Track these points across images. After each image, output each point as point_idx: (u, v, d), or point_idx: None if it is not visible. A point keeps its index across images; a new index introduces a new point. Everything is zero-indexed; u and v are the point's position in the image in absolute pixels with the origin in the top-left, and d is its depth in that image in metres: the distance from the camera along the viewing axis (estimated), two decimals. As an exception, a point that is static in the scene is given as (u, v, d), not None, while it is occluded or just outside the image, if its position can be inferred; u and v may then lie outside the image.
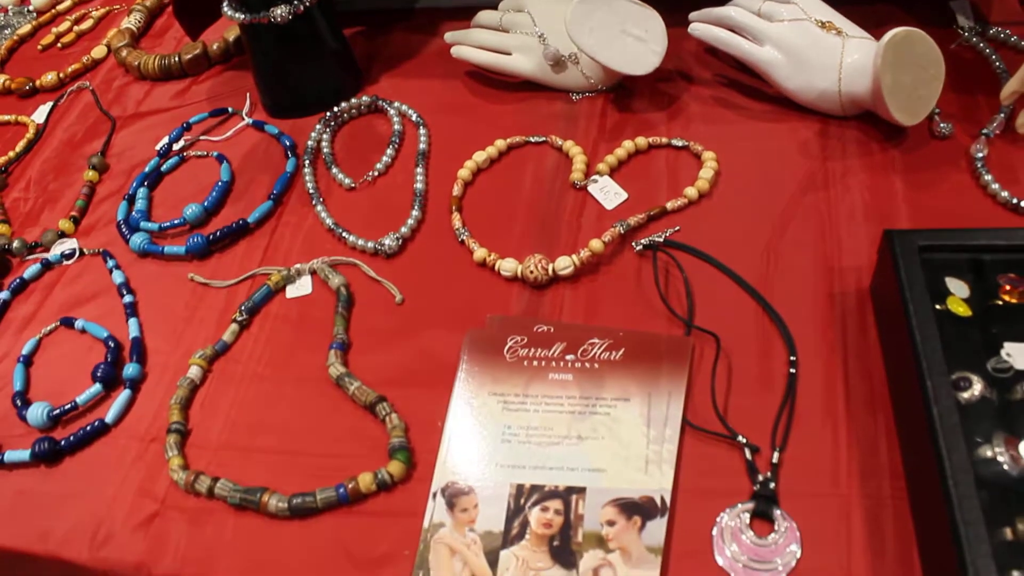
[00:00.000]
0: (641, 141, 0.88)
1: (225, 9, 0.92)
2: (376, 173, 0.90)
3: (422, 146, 0.91)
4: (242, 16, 0.91)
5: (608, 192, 0.85)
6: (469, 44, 0.96)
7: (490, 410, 0.70)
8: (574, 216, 0.83)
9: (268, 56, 0.95)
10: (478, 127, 0.93)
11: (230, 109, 1.01)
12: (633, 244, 0.79)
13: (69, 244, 0.91)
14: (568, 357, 0.72)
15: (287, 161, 0.93)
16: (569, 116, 0.93)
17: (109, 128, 1.04)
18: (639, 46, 0.88)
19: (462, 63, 0.98)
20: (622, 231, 0.79)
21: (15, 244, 0.91)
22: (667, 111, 0.91)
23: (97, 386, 0.77)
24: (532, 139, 0.91)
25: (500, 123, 0.93)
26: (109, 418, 0.75)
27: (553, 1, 0.94)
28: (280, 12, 0.90)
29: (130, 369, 0.78)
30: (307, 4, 0.91)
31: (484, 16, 0.97)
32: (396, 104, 0.96)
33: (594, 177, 0.86)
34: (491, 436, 0.69)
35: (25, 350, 0.83)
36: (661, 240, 0.79)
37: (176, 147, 0.99)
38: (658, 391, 0.69)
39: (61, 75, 1.12)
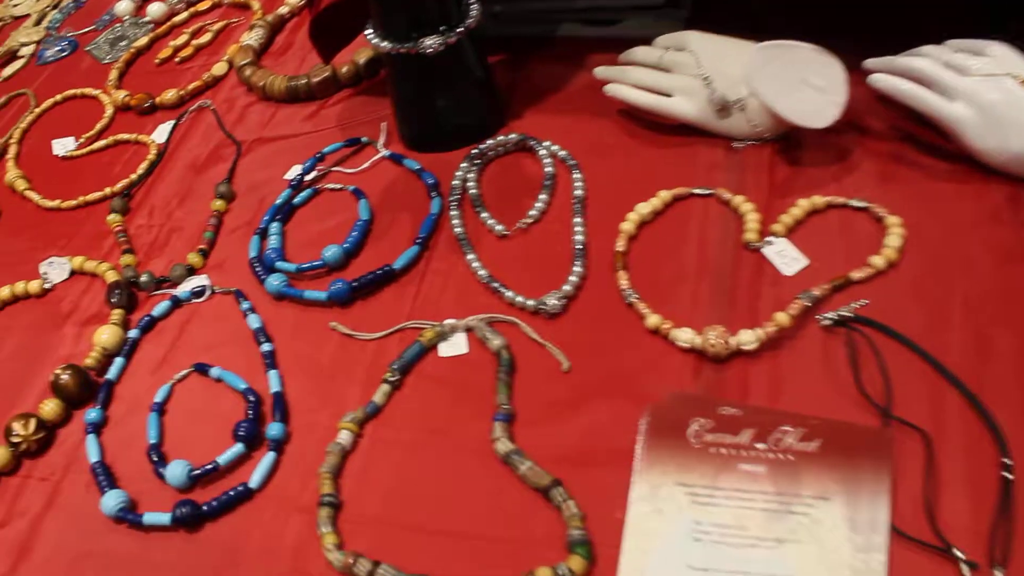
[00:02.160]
0: (818, 200, 0.80)
1: (370, 37, 0.87)
2: (530, 220, 0.84)
3: (578, 193, 0.85)
4: (388, 45, 0.85)
5: (786, 256, 0.78)
6: (625, 82, 0.90)
7: (677, 502, 0.64)
8: (751, 282, 0.76)
9: (411, 86, 0.90)
10: (634, 173, 0.87)
11: (364, 139, 0.95)
12: (818, 318, 0.72)
13: (199, 281, 0.86)
14: (759, 446, 0.66)
15: (431, 201, 0.87)
16: (733, 166, 0.86)
17: (234, 152, 0.99)
18: (818, 97, 0.81)
19: (611, 100, 0.91)
20: (808, 304, 0.72)
21: (143, 278, 0.86)
22: (839, 166, 0.84)
23: (239, 446, 0.72)
24: (696, 191, 0.84)
25: (658, 170, 0.87)
26: (253, 483, 0.70)
27: (719, 41, 0.87)
28: (431, 43, 0.84)
29: (274, 429, 0.72)
30: (458, 35, 0.84)
31: (641, 53, 0.91)
32: (546, 144, 0.89)
33: (769, 239, 0.79)
34: (680, 533, 0.62)
35: (158, 397, 0.77)
36: (850, 315, 0.72)
37: (307, 178, 0.93)
38: (860, 490, 0.62)
39: (182, 92, 1.07)
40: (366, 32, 0.87)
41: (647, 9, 0.98)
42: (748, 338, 0.71)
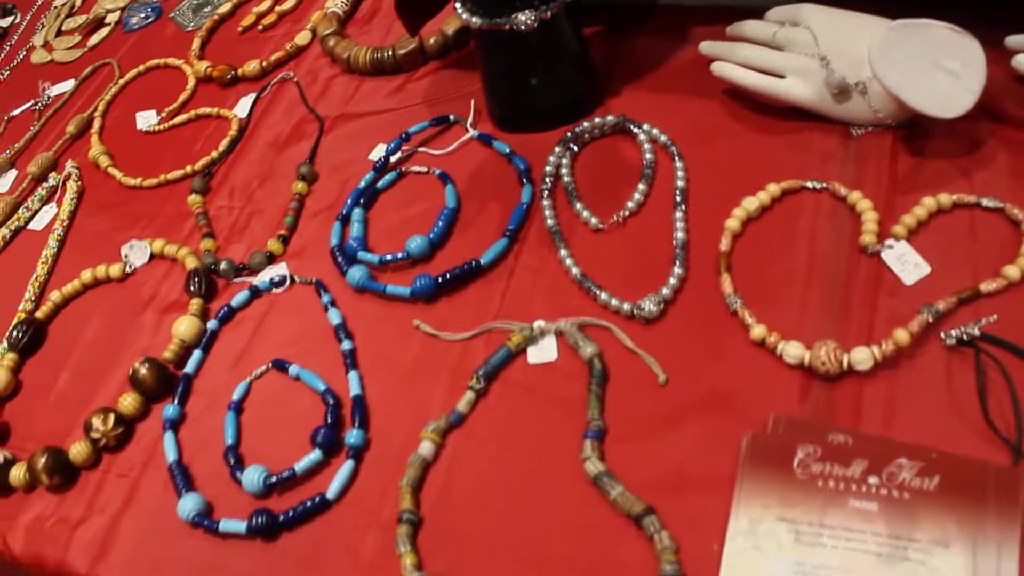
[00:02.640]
0: (944, 199, 0.72)
1: (459, 10, 0.81)
2: (627, 213, 0.77)
3: (680, 183, 0.78)
4: (479, 20, 0.79)
5: (907, 263, 0.70)
6: (733, 60, 0.82)
7: (778, 539, 0.58)
8: (867, 290, 0.69)
9: (503, 63, 0.84)
10: (742, 162, 0.79)
11: (452, 117, 0.90)
12: (942, 335, 0.65)
13: (279, 270, 0.82)
14: (871, 480, 0.59)
15: (522, 188, 0.81)
16: (850, 156, 0.77)
17: (317, 130, 0.94)
18: (951, 82, 0.72)
19: (716, 78, 0.83)
20: (930, 319, 0.65)
21: (223, 265, 0.83)
22: (969, 159, 0.75)
23: (316, 452, 0.69)
24: (809, 184, 0.76)
25: (767, 158, 0.79)
26: (331, 493, 0.67)
27: (838, 16, 0.78)
28: (525, 19, 0.77)
29: (353, 436, 0.69)
30: (555, 8, 0.78)
31: (752, 28, 0.82)
32: (646, 127, 0.83)
33: (889, 242, 0.71)
34: (781, 573, 0.56)
35: (236, 395, 0.75)
36: (979, 334, 0.64)
37: (392, 159, 0.88)
38: (985, 539, 0.55)
39: (264, 63, 1.03)
40: (455, 4, 0.81)
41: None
42: (863, 356, 0.64)
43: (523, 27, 0.77)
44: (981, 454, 0.58)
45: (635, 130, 0.83)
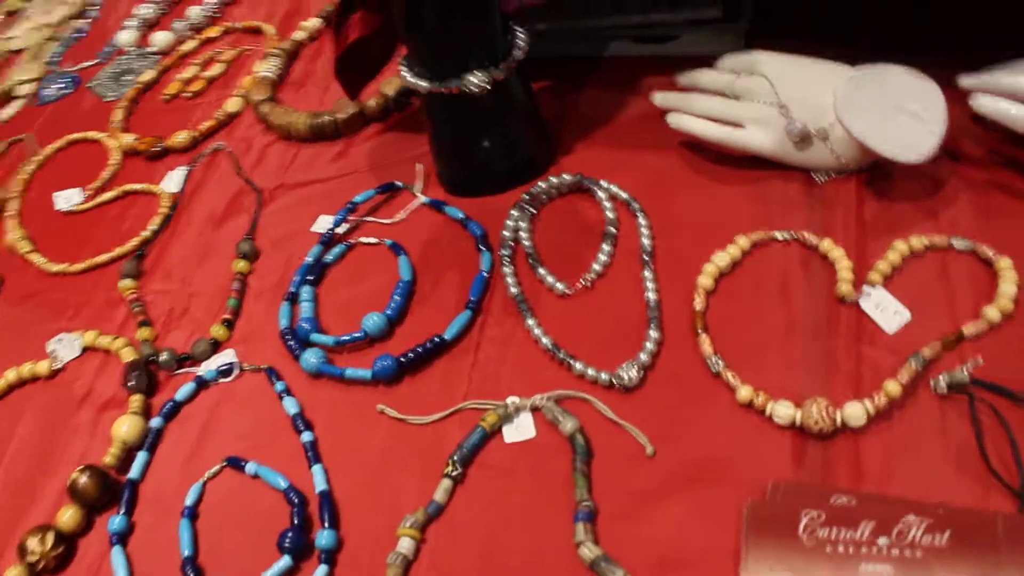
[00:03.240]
0: (916, 242, 0.71)
1: (405, 74, 0.77)
2: (593, 276, 0.74)
3: (645, 241, 0.76)
4: (427, 84, 0.75)
5: (886, 310, 0.69)
6: (689, 112, 0.80)
7: (791, 615, 0.55)
8: (850, 341, 0.67)
9: (452, 127, 0.80)
10: (706, 215, 0.77)
11: (399, 184, 0.86)
12: (932, 384, 0.63)
13: (226, 358, 0.77)
14: (881, 541, 0.57)
15: (480, 256, 0.77)
16: (815, 203, 0.76)
17: (255, 202, 0.89)
18: (915, 126, 0.71)
19: (671, 130, 0.82)
20: (918, 368, 0.63)
21: (163, 356, 0.77)
22: (935, 199, 0.74)
23: (285, 559, 0.63)
24: (778, 235, 0.74)
25: (731, 210, 0.77)
26: (305, 605, 0.61)
27: (793, 63, 0.78)
28: (476, 81, 0.74)
29: (324, 537, 0.63)
30: (507, 69, 0.75)
31: (707, 78, 0.81)
32: (604, 184, 0.80)
33: (866, 290, 0.69)
34: (803, 651, 0.53)
35: (189, 500, 0.69)
36: (966, 379, 0.62)
37: (339, 231, 0.83)
38: (1004, 589, 0.53)
39: (194, 134, 0.97)
40: (400, 68, 0.78)
41: (704, 24, 0.88)
42: (856, 412, 0.62)
43: (475, 89, 0.74)
44: (985, 502, 0.57)
45: (594, 189, 0.80)
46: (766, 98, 0.77)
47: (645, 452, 0.64)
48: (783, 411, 0.63)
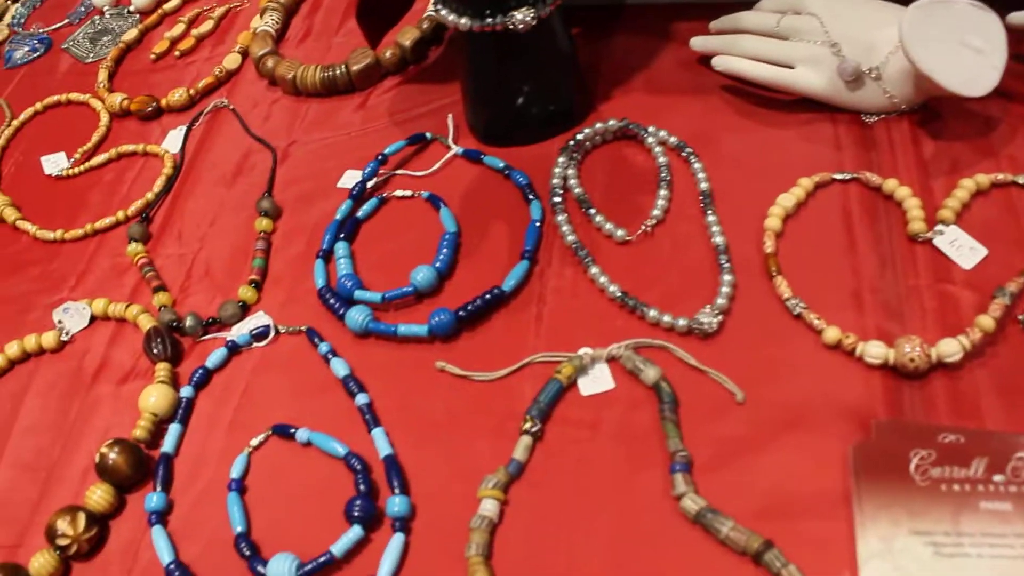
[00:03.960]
0: (982, 179, 0.69)
1: (441, 13, 0.72)
2: (653, 221, 0.70)
3: (704, 186, 0.72)
4: (468, 21, 0.71)
5: (961, 247, 0.67)
6: (736, 54, 0.77)
7: (916, 555, 0.52)
8: (928, 279, 0.65)
9: (491, 70, 0.76)
10: (758, 159, 0.74)
11: (428, 134, 0.80)
12: (1020, 318, 0.61)
13: (260, 320, 0.70)
14: (996, 478, 0.55)
15: (529, 205, 0.73)
16: (869, 144, 0.74)
17: (264, 160, 0.83)
18: (977, 60, 0.69)
19: (709, 76, 0.79)
20: (1007, 302, 0.61)
21: (188, 321, 0.70)
22: (989, 138, 0.73)
23: (356, 529, 0.57)
24: (838, 176, 0.71)
25: (784, 153, 0.74)
26: (383, 574, 0.55)
27: (842, 1, 0.75)
28: (523, 17, 0.69)
29: (396, 504, 0.58)
30: (552, 5, 0.71)
31: (752, 19, 0.78)
32: (652, 129, 0.76)
33: (939, 228, 0.67)
34: (931, 594, 0.50)
35: (235, 472, 0.63)
36: (1057, 311, 0.61)
37: (369, 185, 0.78)
38: None
39: (192, 91, 0.90)
40: (433, 6, 0.73)
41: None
42: (952, 348, 0.60)
43: (520, 27, 0.70)
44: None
45: (643, 134, 0.76)
46: (816, 37, 0.75)
47: (735, 399, 0.60)
48: (875, 351, 0.60)
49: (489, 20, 0.70)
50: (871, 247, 0.67)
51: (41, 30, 1.07)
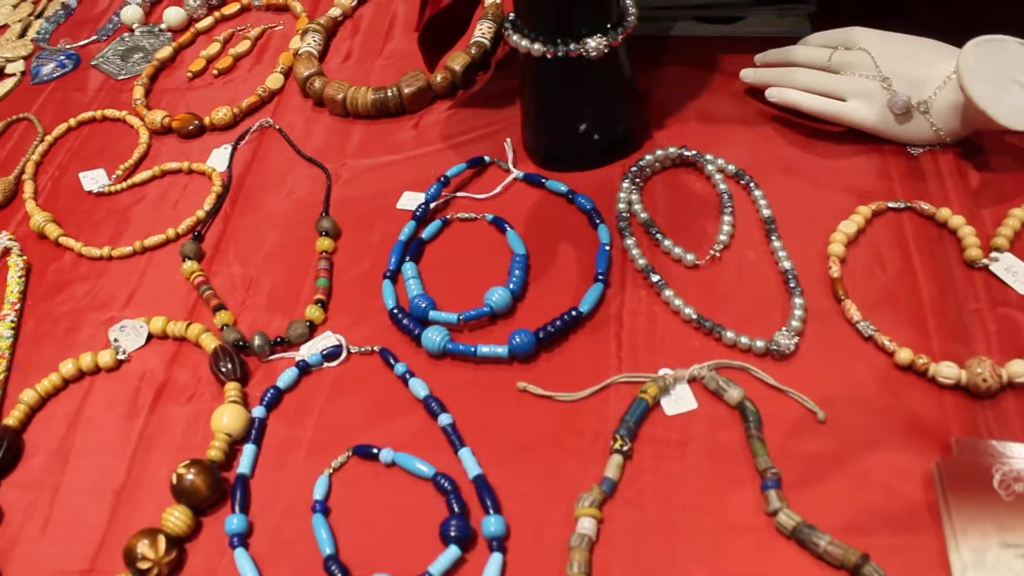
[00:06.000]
0: (1032, 209, 0.72)
1: (514, 38, 0.73)
2: (720, 246, 0.72)
3: (766, 212, 0.74)
4: (540, 48, 0.72)
5: (1017, 273, 0.70)
6: (789, 86, 0.80)
7: (1010, 567, 0.54)
8: (987, 303, 0.67)
9: (555, 95, 0.77)
10: (813, 186, 0.77)
11: (486, 158, 0.81)
12: (1080, 339, 0.64)
13: (329, 340, 0.70)
14: (1077, 493, 0.56)
15: (596, 229, 0.74)
16: (917, 175, 0.77)
17: (315, 180, 0.83)
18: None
19: (759, 105, 0.81)
20: (1064, 325, 0.64)
21: (256, 341, 0.69)
22: (1029, 169, 0.76)
23: (453, 549, 0.57)
24: (892, 204, 0.74)
25: (837, 182, 0.77)
26: (483, 596, 0.55)
27: (889, 38, 0.79)
28: (596, 45, 0.71)
29: (492, 524, 0.58)
30: (623, 34, 0.72)
31: (804, 53, 0.81)
32: (710, 157, 0.78)
33: (994, 255, 0.70)
34: (1027, 607, 0.52)
35: (318, 493, 0.62)
36: (1112, 333, 0.64)
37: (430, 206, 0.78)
38: None
39: (235, 110, 0.89)
40: (506, 31, 0.74)
41: (769, 4, 0.89)
42: (1021, 369, 0.62)
43: (593, 54, 0.71)
44: None
45: (702, 161, 0.78)
46: (866, 71, 0.78)
47: (816, 418, 0.62)
48: (948, 371, 0.62)
49: (561, 47, 0.71)
50: (930, 273, 0.70)
51: (68, 46, 1.05)
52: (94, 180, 0.86)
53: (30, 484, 0.67)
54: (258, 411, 0.67)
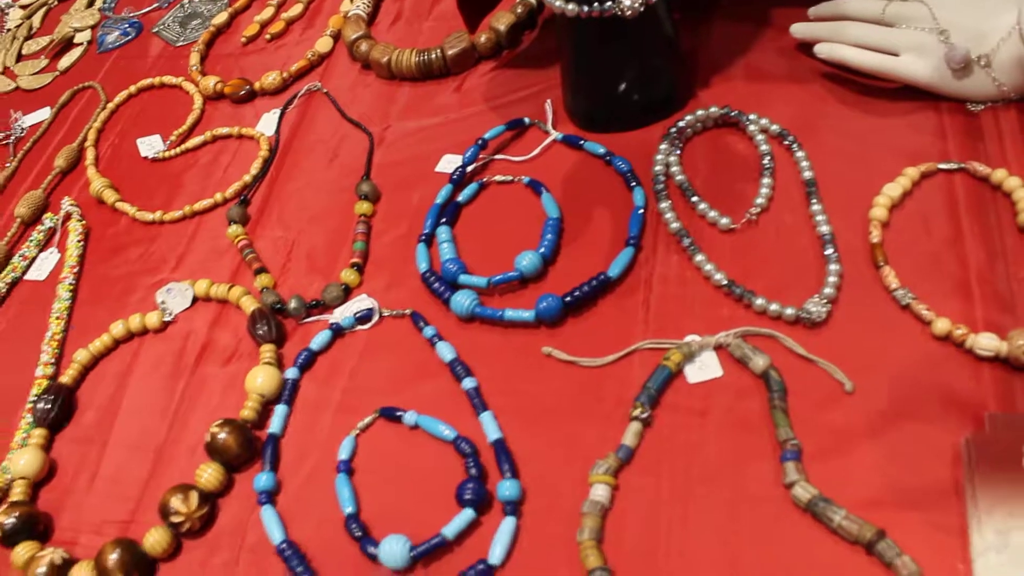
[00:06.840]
0: (1093, 172, 0.67)
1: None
2: (757, 210, 0.70)
3: (807, 175, 0.71)
4: (574, 7, 0.70)
5: (1071, 240, 0.65)
6: (840, 40, 0.76)
7: (1033, 552, 0.51)
8: (1035, 272, 0.63)
9: (595, 55, 0.75)
10: (860, 147, 0.73)
11: (526, 120, 0.80)
12: None
13: (363, 303, 0.71)
14: (1117, 475, 0.53)
15: (632, 191, 0.72)
16: (976, 133, 0.72)
17: (360, 144, 0.84)
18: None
19: (809, 63, 0.78)
20: (1121, 297, 0.60)
21: (292, 304, 0.71)
22: (1095, 127, 0.71)
23: (468, 512, 0.58)
24: (942, 166, 0.70)
25: (888, 142, 0.73)
26: (495, 558, 0.56)
27: (952, -14, 0.74)
28: (630, 3, 0.69)
29: (507, 488, 0.59)
30: (659, -9, 0.70)
31: (857, 5, 0.77)
32: (753, 117, 0.75)
33: (1052, 219, 0.66)
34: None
35: (343, 454, 0.63)
36: None
37: (468, 169, 0.78)
38: None
39: (285, 75, 0.91)
40: (547, -8, 0.73)
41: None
42: (1069, 342, 0.58)
43: (628, 12, 0.69)
44: None
45: (744, 121, 0.75)
46: (922, 24, 0.73)
47: (843, 388, 0.60)
48: (987, 343, 0.59)
49: (596, 6, 0.70)
50: (979, 238, 0.66)
51: (132, 14, 1.08)
52: (151, 146, 0.89)
53: (81, 439, 0.71)
54: (291, 372, 0.69)
